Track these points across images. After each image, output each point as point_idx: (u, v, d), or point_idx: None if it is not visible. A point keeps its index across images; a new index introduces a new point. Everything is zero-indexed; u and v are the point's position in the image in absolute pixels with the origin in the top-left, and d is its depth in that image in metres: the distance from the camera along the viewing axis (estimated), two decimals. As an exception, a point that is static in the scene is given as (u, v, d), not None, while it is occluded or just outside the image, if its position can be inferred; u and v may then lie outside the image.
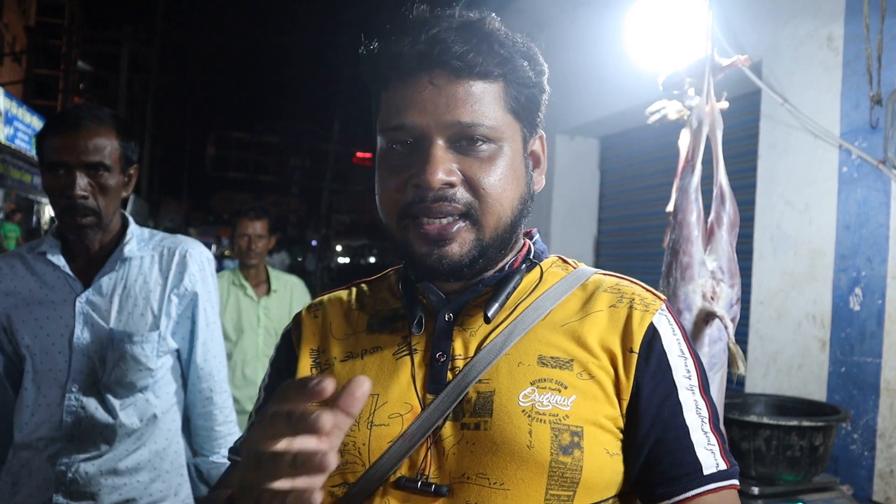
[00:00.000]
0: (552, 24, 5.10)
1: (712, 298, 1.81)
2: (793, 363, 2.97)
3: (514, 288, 0.92)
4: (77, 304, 1.69)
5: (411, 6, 0.88)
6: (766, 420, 2.18)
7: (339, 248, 31.47)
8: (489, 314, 0.88)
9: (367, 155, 32.79)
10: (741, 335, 3.24)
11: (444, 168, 0.84)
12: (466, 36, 0.85)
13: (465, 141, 0.85)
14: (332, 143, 25.69)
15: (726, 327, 1.78)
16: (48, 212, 17.25)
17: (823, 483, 2.35)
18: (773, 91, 3.09)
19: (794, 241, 3.01)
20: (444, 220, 0.85)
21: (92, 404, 1.67)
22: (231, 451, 1.03)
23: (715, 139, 1.96)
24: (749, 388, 3.15)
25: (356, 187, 33.00)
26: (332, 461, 0.60)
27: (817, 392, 2.80)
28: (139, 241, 1.77)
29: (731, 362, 1.81)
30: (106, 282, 1.71)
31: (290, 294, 3.61)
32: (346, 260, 30.03)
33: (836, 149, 2.82)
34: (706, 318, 1.79)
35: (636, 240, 4.80)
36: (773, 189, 3.15)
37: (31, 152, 15.49)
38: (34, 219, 17.19)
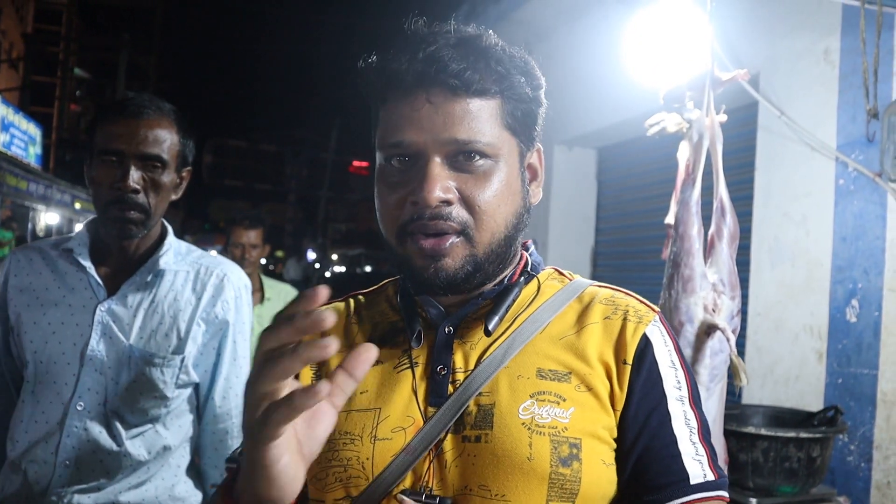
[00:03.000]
0: (551, 35, 5.12)
1: (713, 311, 1.83)
2: (790, 374, 2.98)
3: (514, 301, 0.93)
4: (97, 312, 1.52)
5: (410, 19, 0.89)
6: (763, 431, 2.19)
7: (335, 256, 31.45)
8: (489, 327, 0.89)
9: (364, 164, 32.80)
10: (739, 346, 3.24)
11: (441, 186, 0.84)
12: (464, 53, 0.85)
13: (461, 157, 0.86)
14: (330, 152, 25.74)
15: (728, 339, 1.79)
16: (44, 219, 17.22)
17: (821, 495, 2.35)
18: (771, 104, 3.11)
19: (791, 253, 3.02)
20: (439, 237, 0.86)
21: (96, 428, 1.49)
22: (228, 459, 1.01)
23: (715, 152, 1.97)
24: (746, 399, 3.15)
25: (353, 196, 33.01)
26: (331, 320, 0.64)
27: (815, 403, 2.80)
28: (176, 255, 1.62)
29: (734, 374, 1.82)
30: (133, 292, 1.55)
31: (283, 303, 3.59)
32: (343, 269, 29.99)
33: (833, 161, 2.84)
34: (708, 330, 1.81)
35: (633, 250, 4.81)
36: (770, 201, 3.17)
37: (28, 159, 15.49)
38: (30, 226, 17.13)
